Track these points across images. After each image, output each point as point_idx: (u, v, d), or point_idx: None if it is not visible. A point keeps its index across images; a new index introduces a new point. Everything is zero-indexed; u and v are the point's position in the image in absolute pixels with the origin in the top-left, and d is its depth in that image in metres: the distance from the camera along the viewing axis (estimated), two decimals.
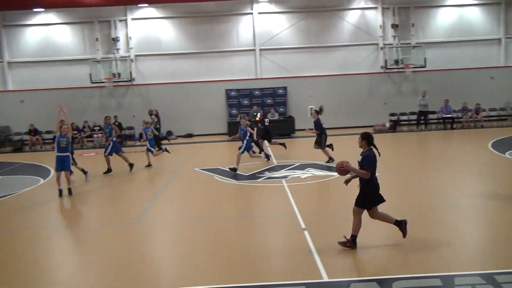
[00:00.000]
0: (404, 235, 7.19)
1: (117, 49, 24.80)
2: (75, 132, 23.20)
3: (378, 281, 6.01)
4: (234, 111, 24.97)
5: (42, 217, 10.75)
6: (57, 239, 9.05)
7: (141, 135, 18.42)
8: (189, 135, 24.98)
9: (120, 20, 24.88)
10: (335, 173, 12.97)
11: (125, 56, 24.68)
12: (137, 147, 22.19)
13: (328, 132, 15.41)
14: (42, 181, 14.40)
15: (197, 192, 12.19)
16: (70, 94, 24.68)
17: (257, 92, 25.22)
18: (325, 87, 25.29)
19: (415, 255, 6.89)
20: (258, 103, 24.74)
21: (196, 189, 12.53)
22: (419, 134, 22.60)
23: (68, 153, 11.97)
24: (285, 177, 13.00)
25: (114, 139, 15.02)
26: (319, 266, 6.60)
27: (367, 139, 7.11)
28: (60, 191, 11.83)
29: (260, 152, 16.01)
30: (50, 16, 24.70)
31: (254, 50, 25.21)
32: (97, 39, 24.80)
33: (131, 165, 15.16)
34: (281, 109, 25.01)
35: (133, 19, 24.88)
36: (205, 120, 25.11)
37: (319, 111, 15.05)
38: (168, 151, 16.90)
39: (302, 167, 14.37)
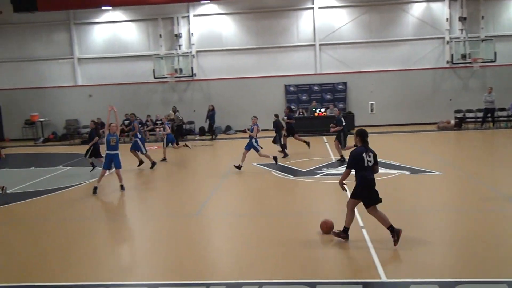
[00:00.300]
0: (395, 243, 7.02)
1: (180, 45, 25.40)
2: (139, 125, 24.00)
3: (440, 284, 5.80)
4: (293, 107, 24.87)
5: (105, 207, 11.25)
6: (119, 228, 9.43)
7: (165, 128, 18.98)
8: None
9: (183, 17, 25.45)
10: (395, 171, 12.69)
11: (187, 52, 25.24)
12: (196, 141, 22.66)
13: (389, 128, 15.02)
14: (107, 172, 15.03)
15: (255, 186, 12.28)
16: (134, 89, 25.61)
17: (316, 88, 25.00)
18: (387, 82, 24.65)
19: (479, 257, 6.58)
20: (317, 99, 24.53)
21: (254, 183, 12.62)
22: (485, 132, 21.49)
23: (118, 151, 12.14)
24: None
25: (140, 136, 15.51)
26: (377, 266, 6.46)
27: (360, 136, 7.35)
28: (95, 189, 11.93)
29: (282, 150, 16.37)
30: (117, 14, 25.68)
31: (314, 45, 24.98)
32: (160, 35, 25.53)
33: (141, 162, 15.57)
34: (341, 105, 24.64)
35: (195, 15, 25.37)
36: (264, 115, 25.12)
37: (341, 110, 15.35)
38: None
39: None
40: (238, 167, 13.93)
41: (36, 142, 25.02)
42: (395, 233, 7.05)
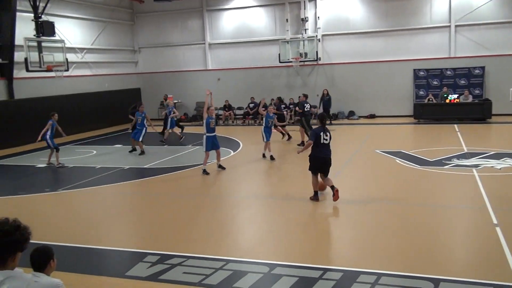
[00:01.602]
0: (334, 198, 9.07)
1: (305, 29, 25.34)
2: (263, 108, 24.58)
3: None
4: (421, 92, 23.54)
5: (231, 186, 11.77)
6: (243, 207, 9.81)
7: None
8: (372, 116, 24.44)
9: (310, 1, 25.29)
10: None
11: (313, 36, 25.10)
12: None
13: None
14: (232, 153, 15.72)
15: (377, 174, 11.90)
16: (259, 73, 26.25)
17: (449, 72, 23.27)
18: None
19: None
20: (449, 84, 22.86)
21: (376, 171, 12.24)
22: None
23: (215, 133, 12.61)
24: (476, 166, 11.85)
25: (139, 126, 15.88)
26: None
27: (319, 119, 9.51)
28: (204, 171, 12.45)
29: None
30: (246, 0, 26.38)
31: (448, 26, 23.20)
32: (287, 20, 25.69)
33: (134, 149, 16.32)
34: (477, 91, 22.68)
35: None
36: (390, 100, 24.22)
37: (307, 96, 17.40)
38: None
39: (497, 156, 12.90)
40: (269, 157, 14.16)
41: None
42: (315, 198, 9.42)
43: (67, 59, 20.64)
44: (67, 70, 20.97)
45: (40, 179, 13.17)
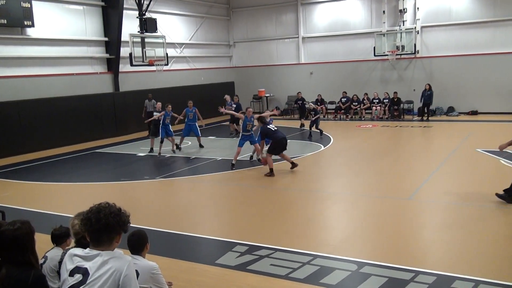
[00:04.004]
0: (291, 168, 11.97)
1: (403, 21, 24.31)
2: (355, 103, 24.08)
3: None
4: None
5: (320, 180, 11.70)
6: (332, 203, 9.70)
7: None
8: (474, 113, 22.87)
9: None
10: None
11: (411, 28, 24.01)
12: (414, 122, 21.67)
13: None
14: (322, 147, 15.59)
15: (477, 174, 11.15)
16: (353, 67, 25.67)
17: None
18: None
19: None
20: None
21: (476, 171, 11.48)
22: None
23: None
24: None
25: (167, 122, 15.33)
26: None
27: (259, 120, 12.22)
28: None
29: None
30: None
31: None
32: (384, 11, 24.83)
33: (178, 148, 15.82)
34: None
35: None
36: (495, 96, 22.48)
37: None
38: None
39: None
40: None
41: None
42: (294, 165, 11.92)
43: (167, 53, 21.66)
44: (167, 64, 22.04)
45: (140, 167, 14.04)
